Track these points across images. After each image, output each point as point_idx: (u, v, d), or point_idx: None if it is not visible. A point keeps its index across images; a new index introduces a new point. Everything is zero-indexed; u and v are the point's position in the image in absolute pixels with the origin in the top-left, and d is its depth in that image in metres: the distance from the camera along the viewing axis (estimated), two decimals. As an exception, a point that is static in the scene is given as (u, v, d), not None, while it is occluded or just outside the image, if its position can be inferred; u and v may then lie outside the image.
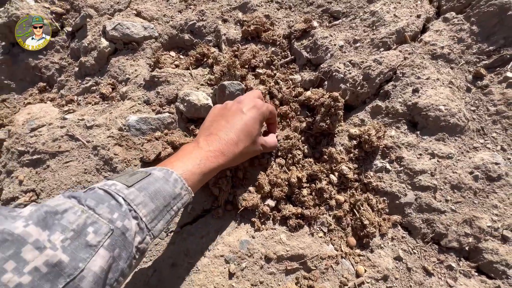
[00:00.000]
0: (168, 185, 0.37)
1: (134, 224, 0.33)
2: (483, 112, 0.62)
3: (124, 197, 0.33)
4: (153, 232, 0.35)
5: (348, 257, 0.55)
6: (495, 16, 0.63)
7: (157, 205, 0.36)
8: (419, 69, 0.64)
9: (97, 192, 0.33)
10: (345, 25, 0.74)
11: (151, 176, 0.37)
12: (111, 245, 0.30)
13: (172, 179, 0.38)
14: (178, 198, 0.38)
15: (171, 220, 0.39)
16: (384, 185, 0.59)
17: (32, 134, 0.65)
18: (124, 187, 0.34)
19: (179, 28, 0.81)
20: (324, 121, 0.61)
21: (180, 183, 0.39)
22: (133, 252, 0.32)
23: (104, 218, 0.31)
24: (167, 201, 0.37)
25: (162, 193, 0.36)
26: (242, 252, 0.53)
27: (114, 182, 0.35)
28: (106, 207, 0.31)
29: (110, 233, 0.30)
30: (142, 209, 0.34)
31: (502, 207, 0.54)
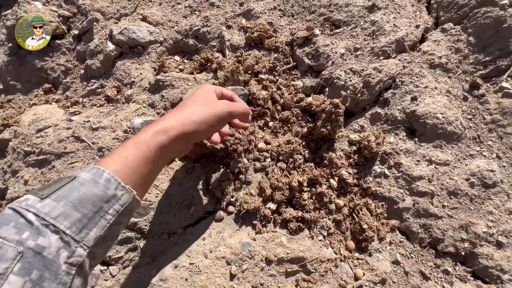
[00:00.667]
0: (97, 188, 0.33)
1: (55, 239, 0.29)
2: (479, 121, 0.64)
3: (36, 212, 0.29)
4: (85, 243, 0.31)
5: (347, 260, 0.56)
6: (491, 28, 0.65)
7: (84, 213, 0.32)
8: (417, 77, 0.66)
9: (3, 213, 0.30)
10: (346, 33, 0.77)
11: (76, 181, 0.33)
12: (24, 269, 0.27)
13: (103, 179, 0.34)
14: (114, 200, 0.34)
15: (115, 226, 0.35)
16: (383, 190, 0.60)
17: (38, 134, 0.67)
18: (36, 200, 0.30)
19: (184, 33, 0.83)
20: (325, 127, 0.62)
21: (114, 183, 0.35)
22: (63, 268, 0.29)
23: (10, 240, 0.27)
24: (98, 206, 0.33)
25: (90, 198, 0.32)
26: (243, 254, 0.54)
27: (27, 196, 0.31)
28: (12, 227, 0.28)
29: (19, 256, 0.27)
30: (64, 221, 0.30)
31: (497, 213, 0.55)
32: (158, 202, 0.59)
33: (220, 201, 0.60)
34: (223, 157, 0.64)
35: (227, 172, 0.62)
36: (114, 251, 0.57)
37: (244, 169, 0.62)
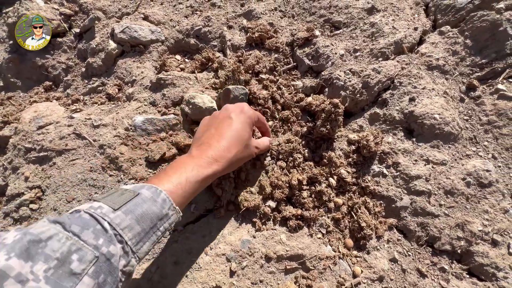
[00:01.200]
0: (156, 206, 0.37)
1: (119, 248, 0.32)
2: (475, 122, 0.65)
3: (110, 221, 0.33)
4: (138, 255, 0.35)
5: (345, 258, 0.57)
6: (488, 31, 0.67)
7: (143, 227, 0.35)
8: (415, 79, 0.67)
9: (82, 216, 0.33)
10: (346, 35, 0.78)
11: (139, 197, 0.37)
12: (95, 272, 0.29)
13: (160, 199, 0.38)
14: (165, 219, 0.38)
15: (158, 241, 0.39)
16: (381, 189, 0.61)
17: (39, 131, 0.67)
18: (110, 210, 0.34)
19: (185, 33, 0.83)
20: (325, 126, 0.63)
21: (168, 203, 0.39)
22: (119, 276, 0.32)
23: (89, 244, 0.30)
24: (154, 223, 0.37)
25: (149, 215, 0.36)
26: (243, 251, 0.55)
27: (100, 204, 0.34)
28: (91, 232, 0.31)
29: (95, 260, 0.30)
30: (128, 233, 0.34)
31: (492, 212, 0.56)
32: (158, 199, 0.60)
33: (220, 198, 0.61)
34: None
35: (227, 170, 0.62)
36: (114, 248, 0.57)
37: (244, 167, 0.63)
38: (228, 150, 0.47)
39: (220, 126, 0.50)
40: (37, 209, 0.61)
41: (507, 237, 0.54)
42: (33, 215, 0.60)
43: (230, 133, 0.49)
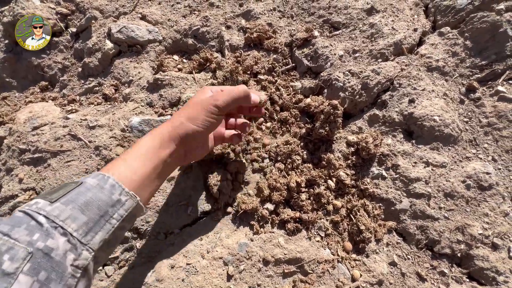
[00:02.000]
0: (103, 193, 0.35)
1: (63, 241, 0.30)
2: (475, 124, 0.64)
3: (46, 214, 0.31)
4: (90, 246, 0.32)
5: (344, 261, 0.56)
6: (488, 32, 0.66)
7: (90, 216, 0.33)
8: (415, 80, 0.66)
9: (14, 215, 0.31)
10: (345, 35, 0.77)
11: (82, 186, 0.35)
12: (33, 269, 0.28)
13: (108, 185, 0.36)
14: (118, 205, 0.36)
15: (119, 231, 0.36)
16: (380, 191, 0.60)
17: (34, 132, 0.66)
18: (46, 204, 0.32)
19: (183, 33, 0.83)
20: (323, 128, 0.62)
21: (118, 188, 0.36)
22: (69, 271, 0.30)
23: (22, 241, 0.28)
24: (104, 210, 0.34)
25: (96, 202, 0.34)
26: (241, 254, 0.54)
27: (36, 200, 0.32)
28: (23, 229, 0.29)
29: (29, 257, 0.28)
30: (72, 224, 0.31)
31: (492, 216, 0.56)
32: (155, 201, 0.59)
33: (217, 201, 0.60)
34: (221, 157, 0.64)
35: (225, 172, 0.62)
36: (109, 251, 0.56)
37: (242, 169, 0.62)
38: (173, 122, 0.45)
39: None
40: (31, 212, 0.60)
41: (507, 240, 0.54)
42: (27, 218, 0.59)
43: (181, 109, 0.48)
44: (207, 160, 0.64)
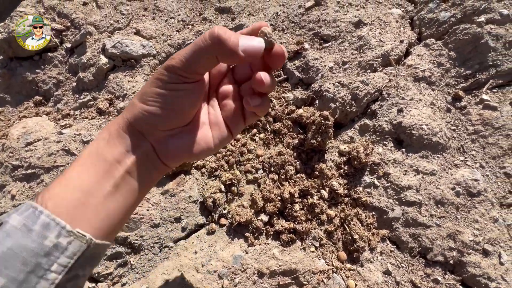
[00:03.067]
0: (30, 237, 0.23)
1: None
2: (462, 131, 0.66)
3: None
4: None
5: (339, 271, 0.56)
6: (470, 44, 0.69)
7: (11, 276, 0.22)
8: (403, 90, 0.68)
9: None
10: (335, 47, 0.79)
11: (0, 230, 0.23)
12: None
13: (39, 225, 0.24)
14: (57, 252, 0.24)
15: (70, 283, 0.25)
16: (373, 200, 0.61)
17: (27, 148, 0.66)
18: None
19: (177, 47, 0.84)
20: (315, 139, 0.64)
21: (55, 228, 0.24)
22: None
23: None
24: (33, 264, 0.23)
25: (18, 254, 0.23)
26: (236, 267, 0.54)
27: None
28: None
29: None
30: None
31: (482, 222, 0.57)
32: (149, 215, 0.59)
33: (212, 213, 0.60)
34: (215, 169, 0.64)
35: (219, 184, 0.62)
36: (103, 267, 0.56)
37: (236, 180, 0.63)
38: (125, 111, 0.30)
39: None
40: (24, 229, 0.59)
41: (497, 246, 0.54)
42: (19, 235, 0.58)
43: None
44: (201, 172, 0.64)
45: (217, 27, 0.25)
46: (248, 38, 0.26)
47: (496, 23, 0.68)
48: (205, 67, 0.27)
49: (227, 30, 0.25)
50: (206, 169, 0.65)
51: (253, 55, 0.26)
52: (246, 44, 0.26)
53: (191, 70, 0.26)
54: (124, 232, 0.58)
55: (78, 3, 0.95)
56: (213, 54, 0.26)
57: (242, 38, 0.26)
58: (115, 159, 0.27)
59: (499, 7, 0.69)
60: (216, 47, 0.25)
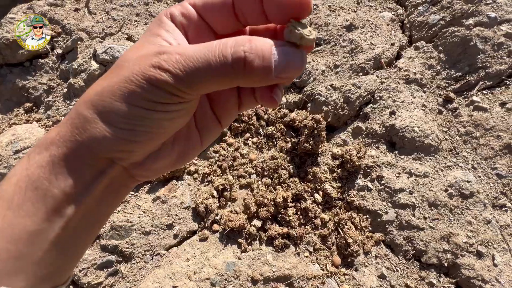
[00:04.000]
0: None
1: None
2: (454, 133, 0.66)
3: None
4: None
5: (333, 276, 0.55)
6: (460, 46, 0.70)
7: None
8: (394, 92, 0.69)
9: None
10: (326, 51, 0.80)
11: None
12: None
13: None
14: None
15: None
16: (367, 203, 0.61)
17: (16, 156, 0.65)
18: None
19: (169, 52, 0.84)
20: (308, 142, 0.63)
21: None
22: None
23: None
24: None
25: None
26: (228, 274, 0.53)
27: None
28: None
29: None
30: None
31: (475, 223, 0.56)
32: (140, 222, 0.58)
33: (204, 219, 0.60)
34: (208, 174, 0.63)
35: (211, 189, 0.61)
36: (93, 277, 0.55)
37: (229, 186, 0.62)
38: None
39: None
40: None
41: (491, 248, 0.54)
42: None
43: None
44: (193, 177, 0.64)
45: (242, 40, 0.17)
46: (286, 51, 0.17)
47: (484, 26, 0.69)
48: (214, 88, 0.18)
49: (255, 42, 0.17)
50: (198, 175, 0.65)
51: (291, 78, 0.18)
52: (283, 64, 0.17)
53: (192, 90, 0.17)
54: (114, 240, 0.56)
55: (70, 9, 0.94)
56: (231, 79, 0.17)
57: (277, 52, 0.17)
58: (65, 193, 0.19)
59: (486, 10, 0.70)
60: (240, 73, 0.17)
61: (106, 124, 0.18)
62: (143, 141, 0.19)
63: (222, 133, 0.69)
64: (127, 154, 0.20)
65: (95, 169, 0.19)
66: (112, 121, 0.18)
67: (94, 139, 0.18)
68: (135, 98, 0.17)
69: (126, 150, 0.19)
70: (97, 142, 0.18)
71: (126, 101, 0.17)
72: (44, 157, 0.19)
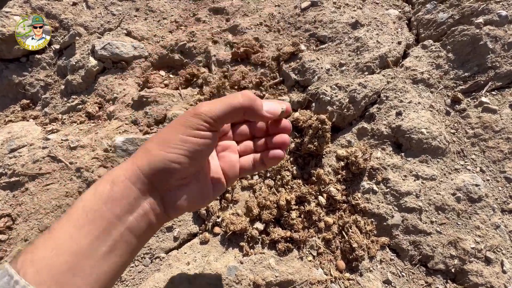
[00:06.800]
0: None
1: None
2: (462, 135, 0.65)
3: None
4: None
5: (337, 281, 0.54)
6: (469, 45, 0.68)
7: None
8: (401, 92, 0.67)
9: None
10: (331, 49, 0.78)
11: None
12: None
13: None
14: None
15: None
16: (372, 206, 0.59)
17: (11, 155, 0.63)
18: None
19: (170, 48, 0.82)
20: (312, 143, 0.62)
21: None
22: None
23: None
24: None
25: None
26: (230, 279, 0.52)
27: None
28: None
29: None
30: None
31: (484, 228, 0.55)
32: (139, 225, 0.56)
33: (205, 222, 0.58)
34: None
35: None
36: (90, 280, 0.53)
37: (230, 187, 0.60)
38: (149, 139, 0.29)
39: None
40: (6, 240, 0.56)
41: (500, 254, 0.53)
42: (1, 247, 0.55)
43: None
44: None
45: (248, 93, 0.30)
46: (270, 102, 0.32)
47: (495, 24, 0.67)
48: (232, 119, 0.30)
49: (256, 97, 0.31)
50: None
51: (273, 114, 0.32)
52: (269, 106, 0.32)
53: (219, 119, 0.28)
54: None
55: (68, 4, 0.92)
56: (242, 111, 0.29)
57: (266, 102, 0.32)
58: (115, 216, 0.25)
59: (497, 8, 0.68)
60: (247, 104, 0.29)
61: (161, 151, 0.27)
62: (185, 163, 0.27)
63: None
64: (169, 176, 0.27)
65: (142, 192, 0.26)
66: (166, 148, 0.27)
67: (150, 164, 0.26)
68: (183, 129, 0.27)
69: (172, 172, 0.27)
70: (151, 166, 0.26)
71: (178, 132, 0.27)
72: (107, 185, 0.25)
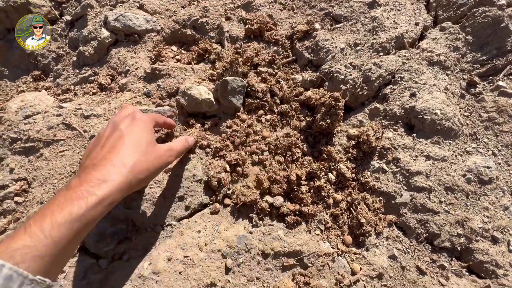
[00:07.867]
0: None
1: None
2: (476, 118, 0.64)
3: None
4: None
5: (344, 255, 0.55)
6: (489, 27, 0.66)
7: None
8: (416, 74, 0.66)
9: None
10: (347, 28, 0.76)
11: None
12: None
13: (1, 278, 0.27)
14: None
15: None
16: (381, 185, 0.60)
17: (26, 121, 0.64)
18: None
19: (182, 23, 0.81)
20: (325, 120, 0.62)
21: (18, 278, 0.28)
22: None
23: None
24: None
25: None
26: (240, 247, 0.53)
27: None
28: None
29: None
30: None
31: (492, 209, 0.55)
32: (151, 193, 0.57)
33: (216, 193, 0.59)
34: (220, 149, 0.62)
35: (224, 164, 0.60)
36: (104, 243, 0.55)
37: (241, 161, 0.61)
38: (122, 165, 0.39)
39: (108, 142, 0.42)
40: (23, 202, 0.58)
41: (507, 234, 0.54)
42: (18, 208, 0.57)
43: (122, 145, 0.41)
44: (205, 152, 0.62)
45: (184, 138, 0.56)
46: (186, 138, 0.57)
47: (518, 6, 0.65)
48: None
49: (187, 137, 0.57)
50: (210, 149, 0.64)
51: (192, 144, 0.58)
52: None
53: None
54: (126, 209, 0.56)
55: (79, -26, 0.90)
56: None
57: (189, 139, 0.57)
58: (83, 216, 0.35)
59: (521, -10, 0.66)
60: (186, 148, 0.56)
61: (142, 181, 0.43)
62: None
63: (235, 109, 0.67)
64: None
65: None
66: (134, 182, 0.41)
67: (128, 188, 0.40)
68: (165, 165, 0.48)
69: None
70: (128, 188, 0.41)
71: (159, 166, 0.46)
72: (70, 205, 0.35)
